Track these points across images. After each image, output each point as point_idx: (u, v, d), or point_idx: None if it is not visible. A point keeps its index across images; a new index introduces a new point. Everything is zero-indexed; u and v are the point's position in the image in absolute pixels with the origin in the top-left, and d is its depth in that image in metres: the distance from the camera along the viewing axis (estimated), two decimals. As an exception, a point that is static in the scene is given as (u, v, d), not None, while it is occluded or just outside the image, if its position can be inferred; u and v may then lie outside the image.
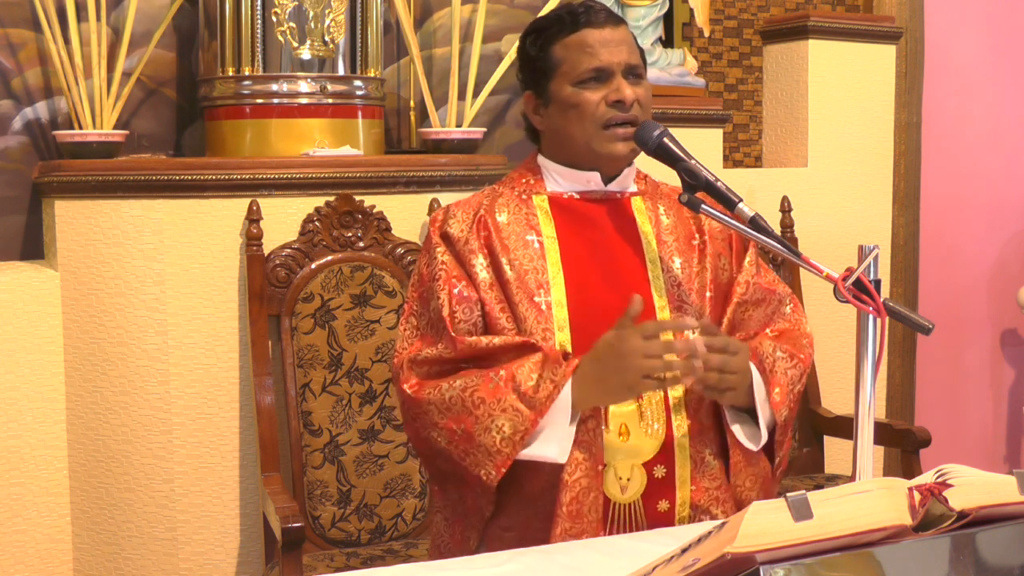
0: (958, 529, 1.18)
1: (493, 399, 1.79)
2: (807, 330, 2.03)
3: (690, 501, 1.86)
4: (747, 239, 2.01)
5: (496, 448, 1.78)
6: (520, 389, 1.78)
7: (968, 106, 4.50)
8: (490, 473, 1.80)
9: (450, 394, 1.82)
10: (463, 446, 1.81)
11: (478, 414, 1.79)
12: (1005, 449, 4.70)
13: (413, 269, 2.03)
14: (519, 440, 1.78)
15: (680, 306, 1.91)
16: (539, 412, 1.77)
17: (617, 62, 1.91)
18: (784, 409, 1.90)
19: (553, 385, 1.77)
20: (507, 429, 1.78)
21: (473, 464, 1.81)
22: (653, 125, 1.88)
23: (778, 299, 2.03)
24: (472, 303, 1.89)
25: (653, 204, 2.00)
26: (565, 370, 1.78)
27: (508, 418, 1.78)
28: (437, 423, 1.84)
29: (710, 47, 4.24)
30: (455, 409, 1.81)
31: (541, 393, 1.77)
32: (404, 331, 1.95)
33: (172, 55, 3.22)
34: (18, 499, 2.88)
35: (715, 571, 1.11)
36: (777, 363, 1.91)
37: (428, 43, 3.50)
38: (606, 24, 1.93)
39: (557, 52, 1.93)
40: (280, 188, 2.92)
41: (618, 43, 1.92)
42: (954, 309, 4.50)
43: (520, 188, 1.98)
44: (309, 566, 2.67)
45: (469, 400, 1.80)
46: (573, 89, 1.91)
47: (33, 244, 3.06)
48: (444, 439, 1.84)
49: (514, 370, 1.80)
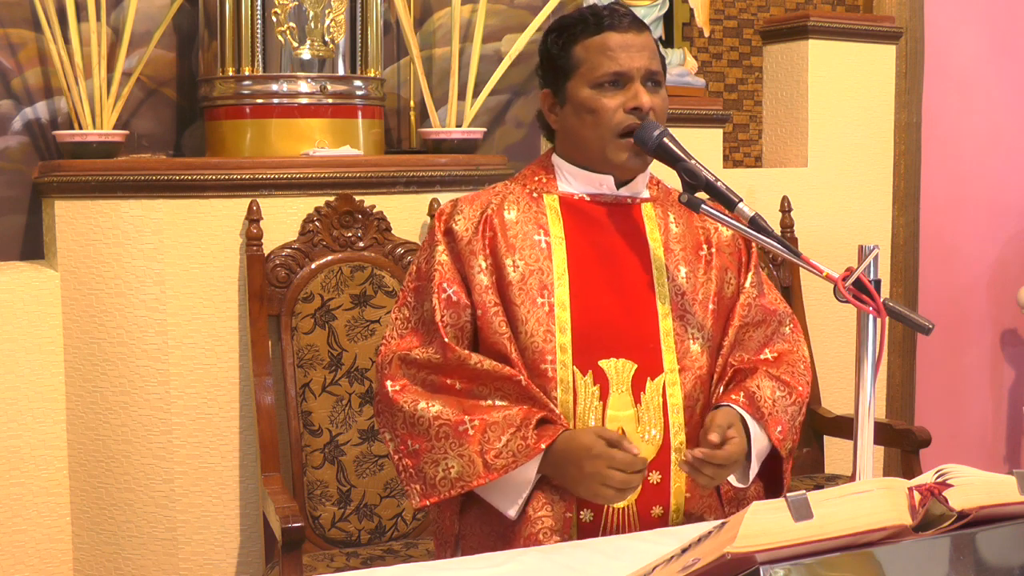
0: (958, 529, 1.18)
1: (456, 440, 1.81)
2: (804, 353, 2.04)
3: (684, 508, 1.87)
4: (752, 256, 2.02)
5: (434, 483, 1.82)
6: (484, 446, 1.80)
7: (968, 106, 4.50)
8: (415, 499, 1.85)
9: (421, 414, 1.84)
10: (406, 460, 1.85)
11: (435, 444, 1.82)
12: (1005, 449, 4.70)
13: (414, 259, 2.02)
14: (459, 488, 1.81)
15: (682, 315, 1.91)
16: (490, 474, 1.79)
17: (637, 67, 1.90)
18: (788, 443, 1.93)
19: (513, 458, 1.79)
20: (454, 473, 1.81)
21: (407, 479, 1.86)
22: (653, 125, 1.88)
23: (778, 319, 2.03)
24: (461, 308, 1.89)
25: (664, 212, 1.99)
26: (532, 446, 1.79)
27: (460, 464, 1.80)
28: (396, 429, 1.87)
29: (710, 47, 4.24)
30: (418, 428, 1.84)
31: (500, 460, 1.79)
32: (396, 320, 1.96)
33: (172, 55, 3.22)
34: (18, 499, 2.88)
35: (715, 571, 1.11)
36: (777, 403, 1.92)
37: (428, 43, 3.50)
38: (630, 29, 1.92)
39: (578, 52, 1.92)
40: (280, 188, 2.92)
41: (640, 49, 1.91)
42: (954, 309, 4.50)
43: (532, 186, 1.98)
44: (309, 566, 2.67)
45: (435, 429, 1.83)
46: (591, 92, 1.90)
47: (33, 244, 3.06)
48: (393, 446, 1.88)
49: (488, 423, 1.81)
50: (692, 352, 1.90)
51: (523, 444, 1.79)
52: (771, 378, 1.94)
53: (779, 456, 1.94)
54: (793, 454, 1.97)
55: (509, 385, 1.83)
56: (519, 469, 1.80)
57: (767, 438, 1.90)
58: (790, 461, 1.97)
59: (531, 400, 1.82)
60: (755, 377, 1.94)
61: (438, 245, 1.92)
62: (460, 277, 1.90)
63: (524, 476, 1.82)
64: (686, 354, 1.89)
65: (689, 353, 1.89)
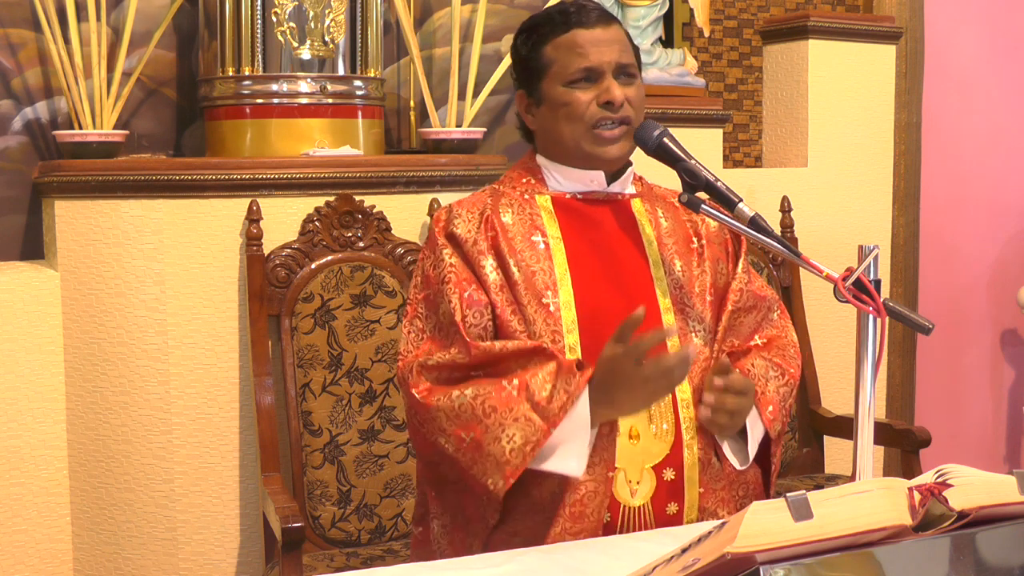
0: (958, 529, 1.18)
1: (505, 408, 1.76)
2: (793, 337, 2.05)
3: (698, 504, 1.86)
4: (741, 244, 2.03)
5: (505, 458, 1.75)
6: (533, 399, 1.75)
7: (968, 106, 4.50)
8: (497, 483, 1.76)
9: (460, 401, 1.79)
10: (471, 454, 1.78)
11: (488, 423, 1.76)
12: (1005, 449, 4.70)
13: (414, 269, 2.01)
14: (529, 451, 1.74)
15: (682, 308, 1.91)
16: (552, 423, 1.73)
17: (607, 61, 1.90)
18: (777, 424, 1.93)
19: (567, 396, 1.74)
20: (518, 439, 1.74)
21: (480, 473, 1.77)
22: (653, 125, 1.88)
23: (767, 305, 2.04)
24: (482, 306, 1.86)
25: (652, 207, 1.99)
26: (579, 381, 1.75)
27: (519, 428, 1.74)
28: (445, 430, 1.80)
29: (710, 47, 4.25)
30: (465, 416, 1.78)
31: (555, 404, 1.74)
32: (408, 333, 1.92)
33: (172, 55, 3.22)
34: (18, 499, 2.88)
35: (715, 571, 1.11)
36: (770, 382, 1.93)
37: (428, 43, 3.50)
38: (597, 24, 1.92)
39: (548, 52, 1.93)
40: (280, 188, 2.92)
41: (609, 43, 1.91)
42: (954, 309, 4.50)
43: (522, 188, 1.97)
44: (309, 566, 2.67)
45: (480, 408, 1.77)
46: (563, 89, 1.91)
47: (33, 244, 3.06)
48: (452, 446, 1.80)
49: (527, 379, 1.76)
50: (694, 345, 1.90)
51: (569, 379, 1.74)
52: (764, 359, 1.95)
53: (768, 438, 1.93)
54: (783, 438, 1.97)
55: (537, 354, 1.80)
56: (574, 416, 1.74)
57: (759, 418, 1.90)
58: (779, 445, 1.96)
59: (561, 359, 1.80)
60: (748, 357, 1.95)
61: (444, 249, 1.90)
62: (474, 277, 1.88)
63: (581, 421, 1.76)
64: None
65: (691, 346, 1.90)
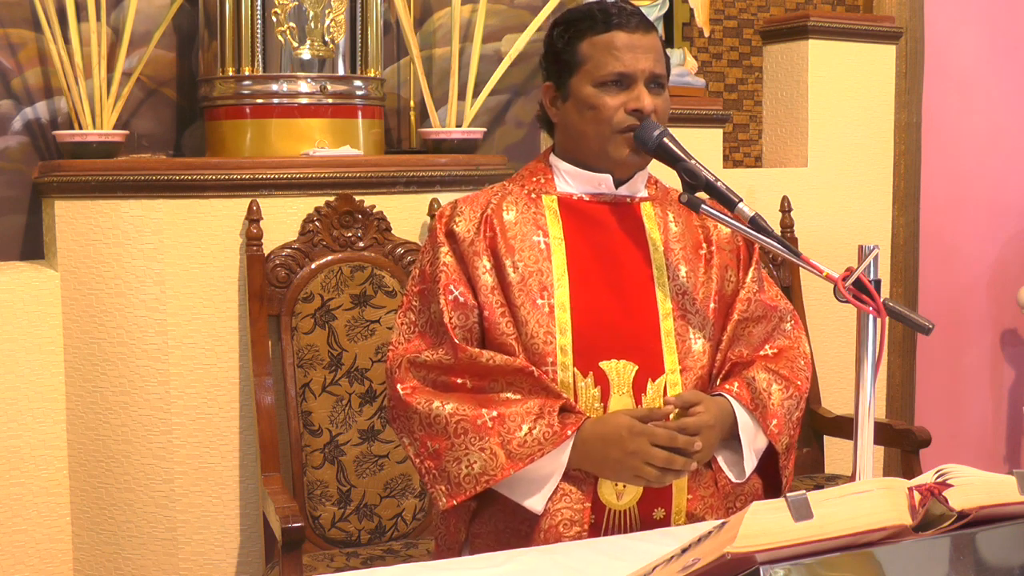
0: (958, 529, 1.18)
1: (475, 434, 1.79)
2: (805, 349, 2.03)
3: (686, 509, 1.86)
4: (754, 252, 2.01)
5: (458, 480, 1.79)
6: (504, 438, 1.78)
7: (968, 106, 4.49)
8: (441, 500, 1.82)
9: (437, 413, 1.82)
10: (428, 463, 1.83)
11: (456, 441, 1.80)
12: (1005, 449, 4.70)
13: (415, 263, 2.01)
14: (484, 482, 1.78)
15: (684, 314, 1.90)
16: (515, 466, 1.77)
17: (642, 69, 1.89)
18: (784, 437, 1.91)
19: (539, 447, 1.77)
20: (477, 467, 1.78)
21: (430, 482, 1.83)
22: (653, 125, 1.88)
23: (779, 316, 2.02)
24: (468, 309, 1.87)
25: (663, 211, 1.98)
26: (559, 432, 1.77)
27: (482, 458, 1.78)
28: (414, 432, 1.85)
29: (710, 47, 4.24)
30: (435, 427, 1.82)
31: (524, 449, 1.77)
32: (401, 324, 1.94)
33: (172, 55, 3.22)
34: (18, 499, 2.88)
35: (715, 571, 1.11)
36: (773, 395, 1.91)
37: (428, 43, 3.50)
38: (637, 29, 1.91)
39: (584, 49, 1.91)
40: (280, 188, 2.92)
41: (646, 50, 1.90)
42: (954, 309, 4.50)
43: (531, 186, 1.97)
44: (309, 566, 2.67)
45: (453, 426, 1.80)
46: (593, 90, 1.90)
47: (33, 244, 3.06)
48: (413, 449, 1.85)
49: (506, 415, 1.79)
50: (694, 352, 1.89)
51: (548, 431, 1.77)
52: (768, 371, 1.94)
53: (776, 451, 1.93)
54: (793, 451, 1.95)
55: (522, 378, 1.82)
56: (545, 460, 1.78)
57: (760, 432, 1.89)
58: (791, 458, 1.95)
59: (545, 391, 1.81)
60: (751, 369, 1.94)
61: (441, 247, 1.91)
62: (466, 278, 1.89)
63: (551, 466, 1.80)
64: (688, 354, 1.89)
65: (691, 353, 1.89)
